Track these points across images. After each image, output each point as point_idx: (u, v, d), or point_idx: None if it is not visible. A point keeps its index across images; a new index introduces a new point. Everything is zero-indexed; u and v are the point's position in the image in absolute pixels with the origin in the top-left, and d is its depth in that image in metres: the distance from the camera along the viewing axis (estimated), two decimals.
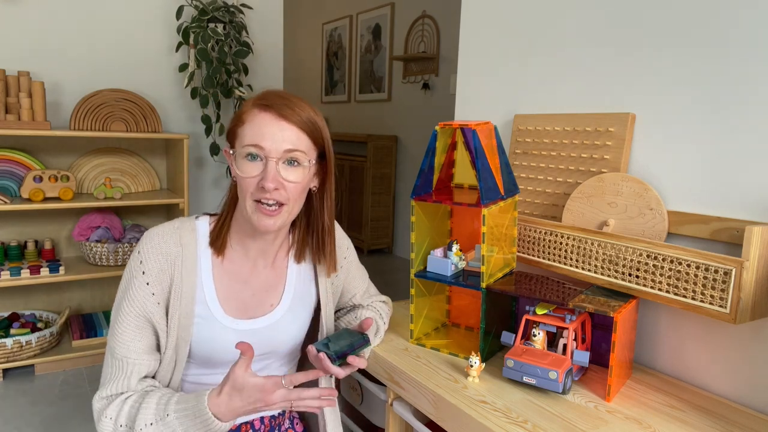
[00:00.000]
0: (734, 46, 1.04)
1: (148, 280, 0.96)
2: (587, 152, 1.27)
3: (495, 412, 0.96)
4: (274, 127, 0.93)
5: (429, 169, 1.19)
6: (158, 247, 0.98)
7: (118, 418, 0.92)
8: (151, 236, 0.99)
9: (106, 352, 0.98)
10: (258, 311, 1.06)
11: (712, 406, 1.03)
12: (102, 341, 2.46)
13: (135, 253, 0.98)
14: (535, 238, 1.24)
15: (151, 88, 2.77)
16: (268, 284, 1.07)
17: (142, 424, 0.89)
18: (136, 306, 0.96)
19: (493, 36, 1.55)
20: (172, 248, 0.98)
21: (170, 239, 0.99)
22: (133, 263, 0.98)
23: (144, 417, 0.90)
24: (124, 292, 0.98)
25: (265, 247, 1.05)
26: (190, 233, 1.01)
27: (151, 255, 0.97)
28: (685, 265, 0.98)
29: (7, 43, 2.42)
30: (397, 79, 4.75)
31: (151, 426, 0.89)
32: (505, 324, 1.25)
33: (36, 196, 2.25)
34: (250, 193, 0.94)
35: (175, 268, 0.98)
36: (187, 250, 0.99)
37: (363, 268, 1.28)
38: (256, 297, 1.06)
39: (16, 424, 1.95)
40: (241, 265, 1.05)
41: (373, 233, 4.70)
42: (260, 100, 0.95)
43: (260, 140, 0.92)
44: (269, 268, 1.08)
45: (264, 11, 3.04)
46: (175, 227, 1.01)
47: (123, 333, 0.96)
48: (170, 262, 0.98)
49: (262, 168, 0.93)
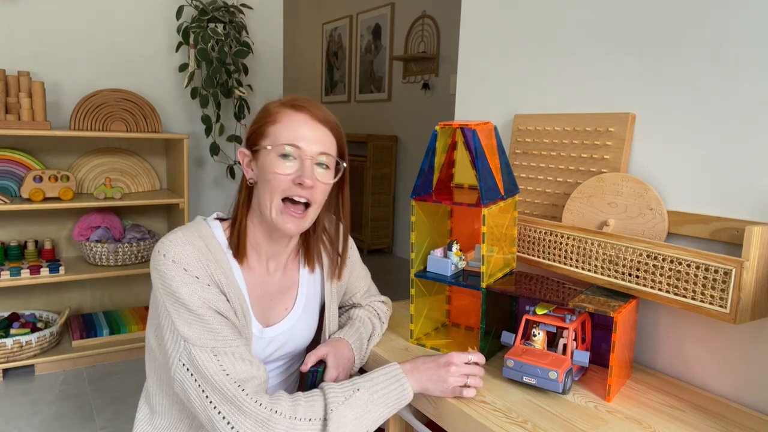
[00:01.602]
0: (734, 47, 1.04)
1: (208, 282, 0.89)
2: (587, 152, 1.27)
3: (495, 412, 0.96)
4: (309, 128, 0.95)
5: (429, 169, 1.19)
6: (194, 254, 0.91)
7: (296, 412, 0.83)
8: (179, 243, 0.91)
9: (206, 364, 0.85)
10: (276, 316, 1.06)
11: (712, 406, 1.03)
12: (102, 341, 2.46)
13: (168, 263, 0.89)
14: (535, 238, 1.24)
15: (151, 88, 2.77)
16: (281, 288, 1.07)
17: (334, 402, 0.84)
18: (208, 303, 0.88)
19: (493, 36, 1.55)
20: (207, 255, 0.93)
21: (200, 246, 0.93)
22: (174, 273, 0.88)
23: (333, 396, 0.85)
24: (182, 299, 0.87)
25: (278, 249, 1.04)
26: (212, 240, 0.96)
27: (193, 261, 0.90)
28: (685, 265, 0.98)
29: (7, 43, 2.42)
30: (397, 79, 4.75)
31: (343, 405, 0.85)
32: (505, 324, 1.25)
33: (36, 196, 2.25)
34: (281, 191, 0.93)
35: (215, 272, 0.92)
36: (218, 256, 0.95)
37: (365, 267, 1.28)
38: (273, 301, 1.06)
39: (16, 424, 1.95)
40: (258, 270, 1.03)
41: (373, 233, 4.70)
42: (292, 101, 0.97)
43: (297, 140, 0.93)
44: (281, 271, 1.07)
45: (264, 11, 3.04)
46: (197, 235, 0.95)
47: (220, 328, 0.88)
48: (212, 267, 0.92)
49: (296, 167, 0.94)
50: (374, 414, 0.88)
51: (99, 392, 2.21)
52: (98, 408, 2.09)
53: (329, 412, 0.84)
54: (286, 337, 1.06)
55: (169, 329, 0.89)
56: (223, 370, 0.85)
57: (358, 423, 0.86)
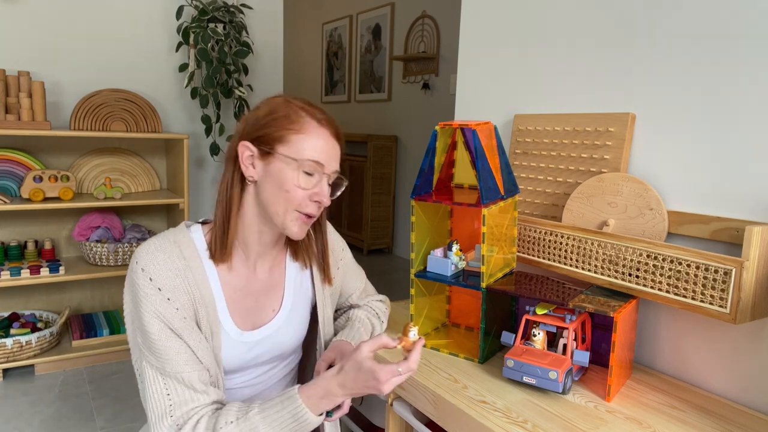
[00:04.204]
0: (734, 47, 1.04)
1: (168, 296, 0.90)
2: (587, 152, 1.27)
3: (495, 412, 0.96)
4: (332, 147, 0.96)
5: (429, 169, 1.19)
6: (164, 263, 0.92)
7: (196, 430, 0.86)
8: (151, 251, 0.92)
9: (150, 380, 0.89)
10: (261, 318, 1.04)
11: (712, 406, 1.03)
12: (102, 341, 2.46)
13: (138, 271, 0.91)
14: (535, 238, 1.24)
15: (151, 88, 2.77)
16: (268, 288, 1.06)
17: (222, 422, 0.85)
18: (165, 321, 0.90)
19: (493, 36, 1.55)
20: (177, 262, 0.93)
21: (172, 253, 0.93)
22: (141, 282, 0.90)
23: (225, 416, 0.86)
24: (141, 312, 0.90)
25: (267, 251, 1.04)
26: (188, 246, 0.96)
27: (161, 271, 0.91)
28: (685, 265, 0.98)
29: (7, 43, 2.42)
30: (397, 79, 4.75)
31: (231, 424, 0.85)
32: (505, 324, 1.25)
33: (36, 196, 2.25)
34: (297, 204, 0.94)
35: (186, 281, 0.93)
36: (192, 263, 0.95)
37: (360, 267, 1.27)
38: (259, 303, 1.04)
39: (16, 424, 1.95)
40: (242, 272, 1.02)
41: (373, 233, 4.70)
42: (315, 112, 0.96)
43: (322, 158, 0.94)
44: (267, 271, 1.06)
45: (264, 11, 3.04)
46: (171, 241, 0.95)
47: (167, 349, 0.89)
48: (181, 276, 0.92)
49: (314, 183, 0.94)
50: None
51: (99, 392, 2.20)
52: (98, 408, 2.09)
53: (218, 429, 0.86)
54: (274, 339, 1.05)
55: (132, 333, 0.97)
56: (166, 390, 0.89)
57: None
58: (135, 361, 0.98)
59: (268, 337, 1.04)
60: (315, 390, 0.87)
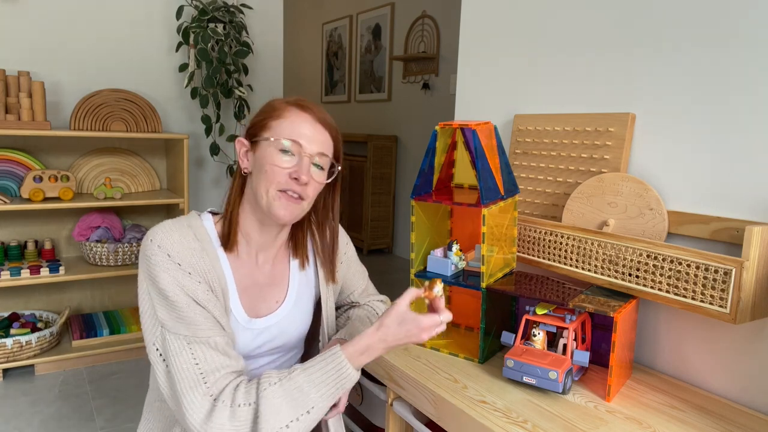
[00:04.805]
0: (734, 47, 1.04)
1: (189, 271, 0.92)
2: (587, 152, 1.27)
3: (495, 412, 0.96)
4: (311, 128, 0.99)
5: (429, 169, 1.19)
6: (180, 242, 0.93)
7: (235, 399, 0.86)
8: (166, 230, 0.94)
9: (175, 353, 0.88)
10: (266, 308, 1.07)
11: (712, 406, 1.03)
12: (102, 341, 2.46)
13: (154, 248, 0.91)
14: (535, 238, 1.24)
15: (151, 88, 2.77)
16: (271, 280, 1.08)
17: (266, 384, 0.87)
18: (189, 293, 0.90)
19: (493, 36, 1.55)
20: (193, 243, 0.95)
21: (187, 234, 0.96)
22: (158, 258, 0.91)
23: (267, 379, 0.87)
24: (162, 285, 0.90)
25: (268, 241, 1.06)
26: (200, 230, 0.99)
27: (178, 249, 0.92)
28: (685, 265, 0.98)
29: (7, 43, 2.42)
30: (397, 79, 4.75)
31: (275, 385, 0.87)
32: (505, 324, 1.25)
33: (36, 196, 2.25)
34: (277, 183, 0.96)
35: (203, 261, 0.95)
36: (206, 246, 0.97)
37: (363, 266, 1.28)
38: (263, 293, 1.07)
39: (16, 424, 1.95)
40: (247, 261, 1.05)
41: (373, 233, 4.70)
42: (298, 101, 1.01)
43: (299, 137, 0.97)
44: (270, 264, 1.08)
45: (264, 11, 3.04)
46: (185, 225, 0.98)
47: (196, 315, 0.89)
48: (197, 256, 0.94)
49: (293, 163, 0.97)
50: (313, 395, 0.89)
51: (99, 392, 2.20)
52: (98, 408, 2.09)
53: (261, 391, 0.87)
54: (277, 329, 1.07)
55: (149, 313, 0.93)
56: (194, 359, 0.89)
57: (293, 403, 0.88)
58: (150, 345, 0.92)
59: (273, 325, 1.06)
60: (356, 346, 0.92)
